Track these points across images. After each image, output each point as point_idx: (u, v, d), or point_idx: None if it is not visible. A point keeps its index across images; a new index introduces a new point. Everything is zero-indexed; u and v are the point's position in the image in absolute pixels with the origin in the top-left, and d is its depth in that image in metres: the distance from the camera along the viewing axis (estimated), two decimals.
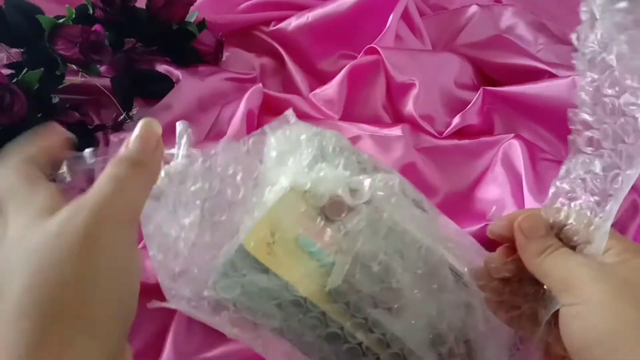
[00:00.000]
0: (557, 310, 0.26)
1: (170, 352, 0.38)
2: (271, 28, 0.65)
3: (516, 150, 0.50)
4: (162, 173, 0.28)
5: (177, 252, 0.28)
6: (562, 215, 0.28)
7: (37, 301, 0.17)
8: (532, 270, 0.27)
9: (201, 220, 0.29)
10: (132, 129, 0.28)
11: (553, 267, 0.26)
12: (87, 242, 0.18)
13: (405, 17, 0.62)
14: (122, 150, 0.23)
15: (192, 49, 0.59)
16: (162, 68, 0.59)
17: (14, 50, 0.53)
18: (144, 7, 0.57)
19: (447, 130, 0.55)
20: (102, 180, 0.21)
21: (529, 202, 0.46)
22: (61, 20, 0.49)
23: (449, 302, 0.30)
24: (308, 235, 0.29)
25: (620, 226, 0.47)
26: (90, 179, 0.49)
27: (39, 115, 0.47)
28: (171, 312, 0.38)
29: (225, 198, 0.30)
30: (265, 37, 0.65)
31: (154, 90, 0.56)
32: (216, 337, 0.38)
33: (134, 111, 0.54)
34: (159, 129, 0.25)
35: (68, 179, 0.27)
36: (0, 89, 0.43)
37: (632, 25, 0.24)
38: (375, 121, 0.57)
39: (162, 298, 0.29)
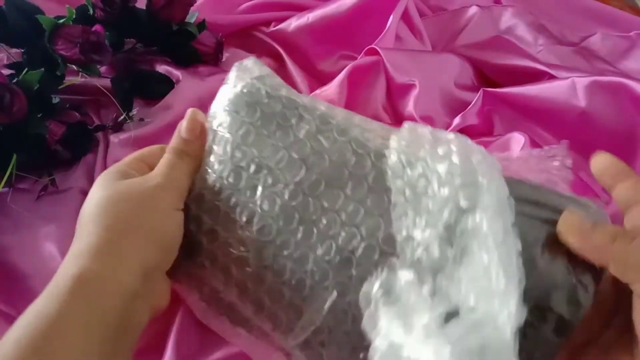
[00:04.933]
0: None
1: (172, 355, 0.38)
2: (271, 29, 0.65)
3: (516, 141, 0.51)
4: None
5: None
6: None
7: (116, 214, 0.28)
8: (595, 255, 0.25)
9: None
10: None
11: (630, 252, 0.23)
12: (144, 197, 0.29)
13: (405, 17, 0.62)
14: (174, 139, 0.32)
15: (192, 50, 0.59)
16: (162, 68, 0.59)
17: (14, 50, 0.53)
18: (144, 8, 0.57)
19: (447, 131, 0.55)
20: (162, 164, 0.31)
21: None
22: (61, 21, 0.49)
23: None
24: None
25: (619, 224, 0.47)
26: (90, 177, 0.49)
27: (39, 116, 0.47)
28: (173, 315, 0.38)
29: None
30: (266, 37, 0.65)
31: (154, 90, 0.56)
32: (217, 340, 0.38)
33: (134, 111, 0.54)
34: (203, 119, 0.33)
35: None
36: (1, 88, 0.43)
37: None
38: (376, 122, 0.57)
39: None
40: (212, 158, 0.31)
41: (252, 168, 0.30)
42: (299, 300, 0.28)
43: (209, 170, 0.31)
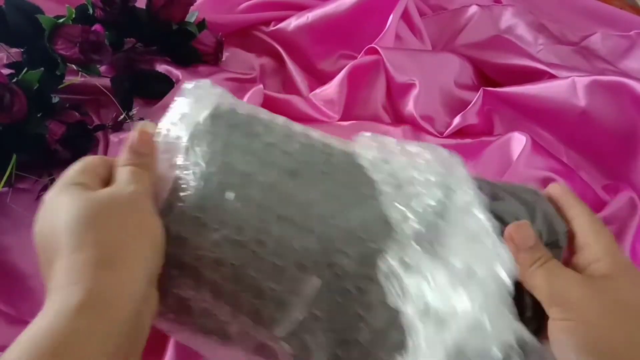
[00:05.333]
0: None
1: (172, 355, 0.38)
2: (271, 28, 0.65)
3: (517, 140, 0.51)
4: None
5: None
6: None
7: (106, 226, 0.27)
8: (522, 281, 0.28)
9: None
10: (132, 129, 0.30)
11: (543, 280, 0.27)
12: (130, 202, 0.28)
13: (405, 17, 0.62)
14: (127, 153, 0.30)
15: (192, 49, 0.59)
16: (162, 68, 0.59)
17: (14, 50, 0.53)
18: (144, 7, 0.57)
19: (447, 130, 0.55)
20: (125, 174, 0.30)
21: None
22: (61, 20, 0.49)
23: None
24: None
25: (619, 224, 0.47)
26: None
27: (38, 115, 0.47)
28: None
29: None
30: (265, 37, 0.65)
31: (154, 90, 0.56)
32: None
33: (134, 111, 0.54)
34: (153, 129, 0.32)
35: None
36: (1, 88, 0.43)
37: None
38: (376, 121, 0.57)
39: None
40: (175, 169, 0.31)
41: (222, 173, 0.30)
42: (282, 292, 0.29)
43: (174, 179, 0.31)
